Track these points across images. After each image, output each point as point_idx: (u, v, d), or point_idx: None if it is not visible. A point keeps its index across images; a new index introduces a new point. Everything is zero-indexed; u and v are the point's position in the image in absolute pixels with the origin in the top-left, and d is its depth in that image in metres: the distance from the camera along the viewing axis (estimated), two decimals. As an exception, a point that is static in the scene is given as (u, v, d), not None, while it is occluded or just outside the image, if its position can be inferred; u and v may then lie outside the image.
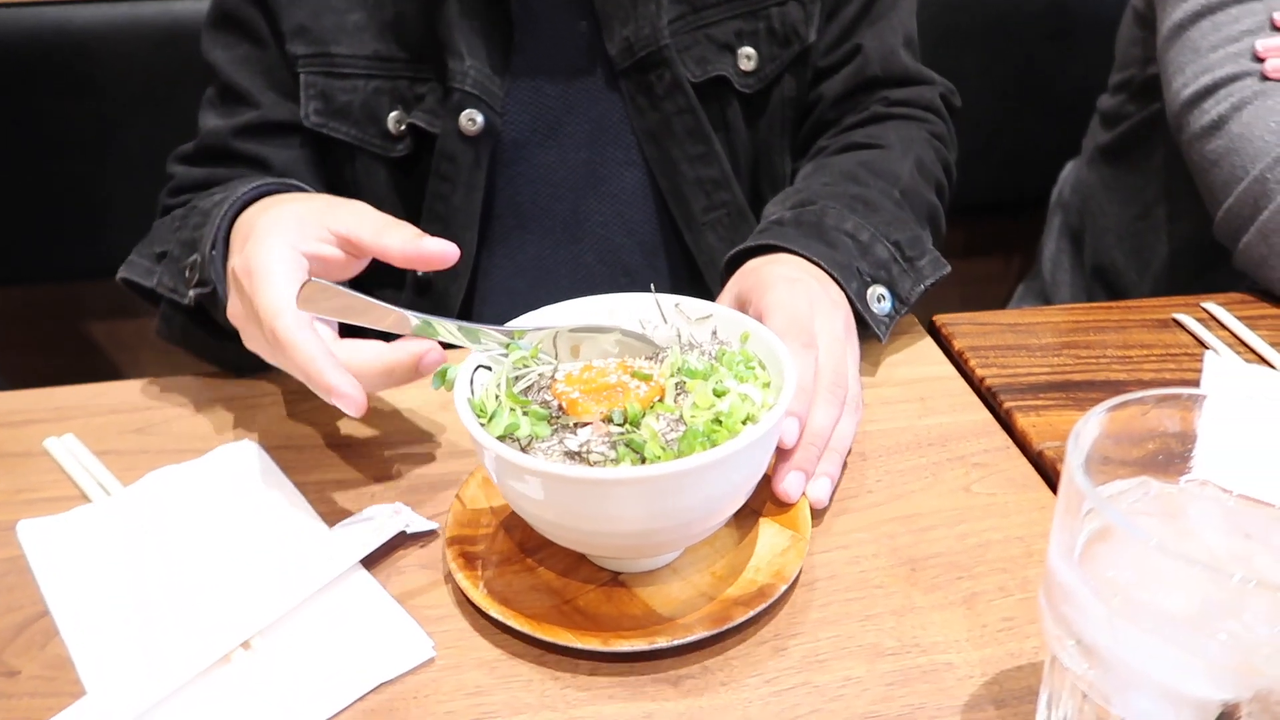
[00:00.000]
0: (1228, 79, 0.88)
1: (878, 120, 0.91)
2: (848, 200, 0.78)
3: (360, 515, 0.61)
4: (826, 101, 0.92)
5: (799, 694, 0.51)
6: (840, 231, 0.75)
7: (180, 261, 0.71)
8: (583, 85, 0.88)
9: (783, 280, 0.68)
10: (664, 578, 0.56)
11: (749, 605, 0.53)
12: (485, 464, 0.53)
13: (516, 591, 0.55)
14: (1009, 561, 0.59)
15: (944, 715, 0.50)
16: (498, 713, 0.50)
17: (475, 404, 0.55)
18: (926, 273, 0.77)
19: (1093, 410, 0.42)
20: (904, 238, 0.77)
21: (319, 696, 0.51)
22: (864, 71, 0.91)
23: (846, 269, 0.73)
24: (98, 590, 0.58)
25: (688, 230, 0.90)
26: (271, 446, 0.69)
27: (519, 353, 0.57)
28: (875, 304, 0.73)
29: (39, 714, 0.50)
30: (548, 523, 0.53)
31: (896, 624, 0.55)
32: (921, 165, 0.87)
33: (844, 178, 0.82)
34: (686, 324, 0.61)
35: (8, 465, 0.68)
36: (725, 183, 0.89)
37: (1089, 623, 0.40)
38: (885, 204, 0.79)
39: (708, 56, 0.87)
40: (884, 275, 0.75)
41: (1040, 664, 0.52)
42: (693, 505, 0.50)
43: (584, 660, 0.53)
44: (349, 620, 0.55)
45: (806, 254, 0.72)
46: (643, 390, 0.55)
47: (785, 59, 0.89)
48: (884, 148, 0.87)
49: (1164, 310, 0.83)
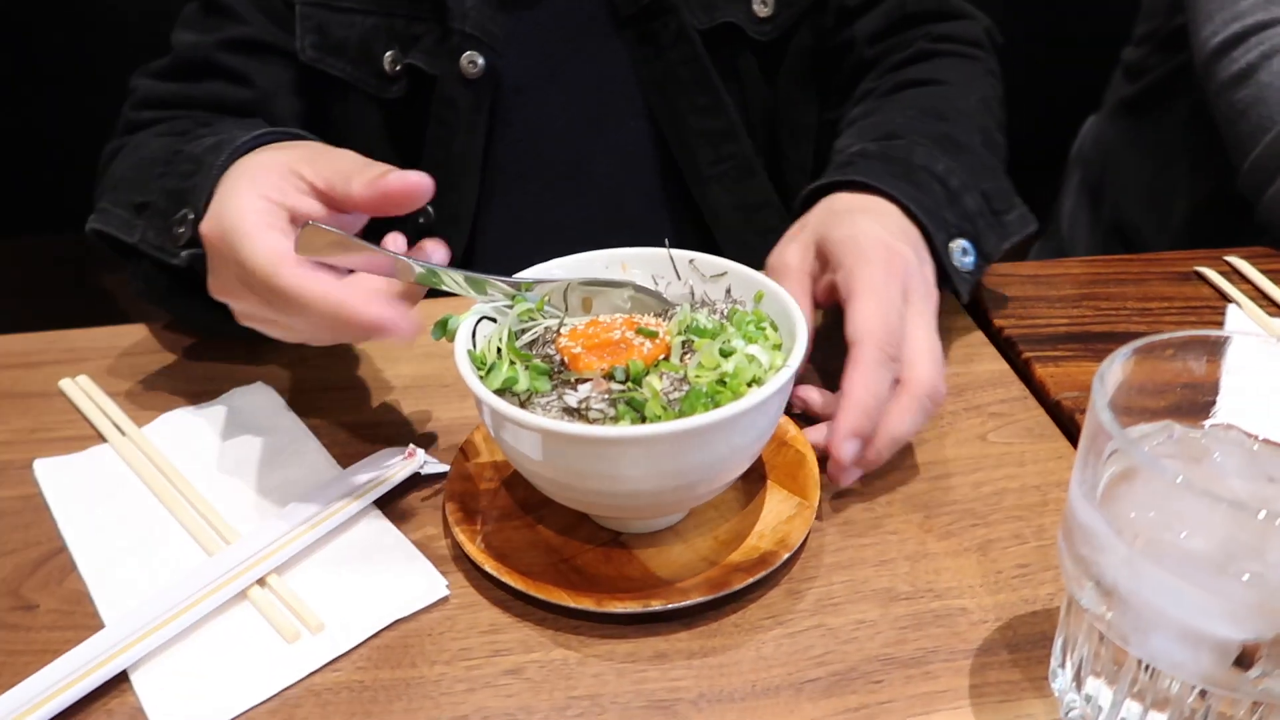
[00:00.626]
0: (1258, 26, 0.86)
1: (927, 57, 0.86)
2: (936, 138, 0.72)
3: (374, 457, 0.61)
4: (862, 40, 0.88)
5: (812, 636, 0.51)
6: (930, 174, 0.69)
7: (168, 216, 0.63)
8: (585, 29, 0.85)
9: (877, 248, 0.60)
10: (665, 540, 0.55)
11: (749, 572, 0.52)
12: (483, 417, 0.53)
13: (515, 548, 0.55)
14: (1025, 509, 0.59)
15: (957, 659, 0.50)
16: (511, 650, 0.51)
17: (475, 356, 0.54)
18: (1013, 229, 0.71)
19: (1118, 351, 0.42)
20: (993, 188, 0.71)
21: (334, 633, 0.51)
22: (902, 8, 0.87)
23: (935, 216, 0.66)
24: (114, 527, 0.58)
25: (694, 183, 0.88)
26: (285, 390, 0.69)
27: (524, 305, 0.56)
28: (959, 257, 0.67)
29: (58, 646, 0.50)
30: (545, 480, 0.52)
31: (910, 569, 0.55)
32: (987, 104, 0.82)
33: (925, 113, 0.76)
34: (700, 281, 0.60)
35: (23, 405, 0.68)
36: (733, 134, 0.87)
37: (1109, 563, 0.39)
38: (973, 143, 0.74)
39: (716, 2, 0.84)
40: (969, 228, 0.68)
41: (1055, 610, 0.52)
42: (693, 467, 0.49)
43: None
44: (363, 559, 0.55)
45: (894, 194, 0.66)
46: (647, 348, 0.54)
47: (802, 4, 0.87)
48: (945, 84, 0.82)
49: (1186, 263, 0.82)
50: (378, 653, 0.51)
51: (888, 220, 0.64)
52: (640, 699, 0.48)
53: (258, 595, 0.53)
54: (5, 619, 0.53)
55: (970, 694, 0.48)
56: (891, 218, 0.64)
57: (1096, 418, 0.39)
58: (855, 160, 0.70)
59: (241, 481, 0.61)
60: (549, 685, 0.49)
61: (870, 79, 0.88)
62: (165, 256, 0.64)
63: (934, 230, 0.65)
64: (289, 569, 0.55)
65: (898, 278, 0.59)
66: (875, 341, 0.56)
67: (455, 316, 0.55)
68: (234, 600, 0.53)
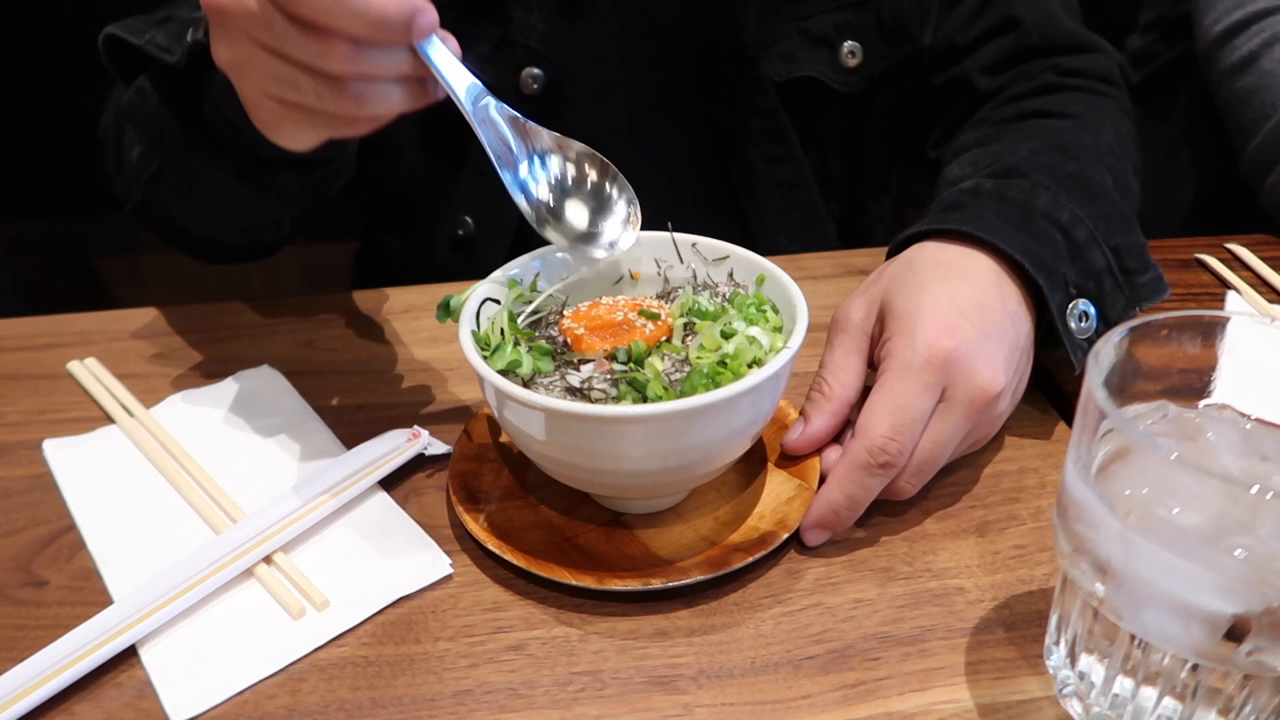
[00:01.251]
0: (1261, 13, 0.86)
1: (1053, 90, 0.78)
2: (1064, 178, 0.63)
3: (379, 439, 0.62)
4: (976, 71, 0.81)
5: (811, 614, 0.52)
6: (1052, 222, 0.60)
7: (183, 20, 0.62)
8: (651, 64, 0.81)
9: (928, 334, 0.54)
10: (666, 520, 0.56)
11: (749, 552, 0.53)
12: (486, 397, 0.53)
13: (517, 527, 0.55)
14: (1022, 491, 0.59)
15: (954, 637, 0.51)
16: (514, 626, 0.51)
17: (479, 337, 0.54)
18: (1144, 293, 0.61)
19: (1113, 331, 0.42)
20: (1125, 243, 0.61)
21: (339, 609, 0.52)
22: (1021, 42, 0.80)
23: (1053, 274, 0.57)
24: (122, 505, 0.59)
25: (759, 230, 0.84)
26: (290, 372, 0.70)
27: (518, 288, 0.57)
28: (1076, 322, 0.58)
29: (67, 621, 0.51)
30: (547, 459, 0.53)
31: (908, 550, 0.55)
32: (1121, 143, 0.73)
33: (1051, 147, 0.67)
34: (703, 264, 0.60)
35: (31, 386, 0.69)
36: (803, 185, 0.83)
37: (1103, 539, 0.40)
38: (1106, 188, 0.64)
39: (797, 53, 0.80)
40: (1092, 288, 0.59)
41: (1051, 590, 0.53)
42: (694, 447, 0.50)
43: (599, 579, 0.54)
44: (368, 538, 0.56)
45: (1005, 247, 0.57)
46: (649, 329, 0.54)
47: (893, 59, 0.82)
48: (1075, 118, 0.73)
49: (1187, 250, 0.82)
50: (382, 629, 0.51)
51: (970, 286, 0.56)
52: (641, 675, 0.49)
53: (264, 572, 0.54)
54: (15, 595, 0.54)
55: (966, 671, 0.49)
56: (977, 283, 0.57)
57: (1091, 396, 0.40)
58: (965, 201, 0.62)
59: (248, 462, 0.62)
60: (550, 661, 0.49)
61: (988, 108, 0.80)
62: (166, 55, 0.61)
63: (1050, 290, 0.57)
64: (295, 547, 0.55)
65: (936, 373, 0.53)
66: (868, 446, 0.53)
67: (457, 297, 0.55)
68: (241, 577, 0.54)
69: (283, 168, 0.64)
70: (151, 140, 0.67)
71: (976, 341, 0.54)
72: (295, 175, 0.65)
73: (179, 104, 0.63)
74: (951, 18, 0.81)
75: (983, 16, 0.81)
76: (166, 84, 0.63)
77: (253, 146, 0.59)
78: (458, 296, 0.56)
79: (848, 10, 0.80)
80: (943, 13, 0.81)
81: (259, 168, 0.64)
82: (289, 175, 0.65)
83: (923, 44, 0.82)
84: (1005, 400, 0.57)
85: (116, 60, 0.66)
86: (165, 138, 0.65)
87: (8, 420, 0.66)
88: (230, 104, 0.56)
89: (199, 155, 0.64)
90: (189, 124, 0.63)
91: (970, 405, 0.54)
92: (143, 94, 0.66)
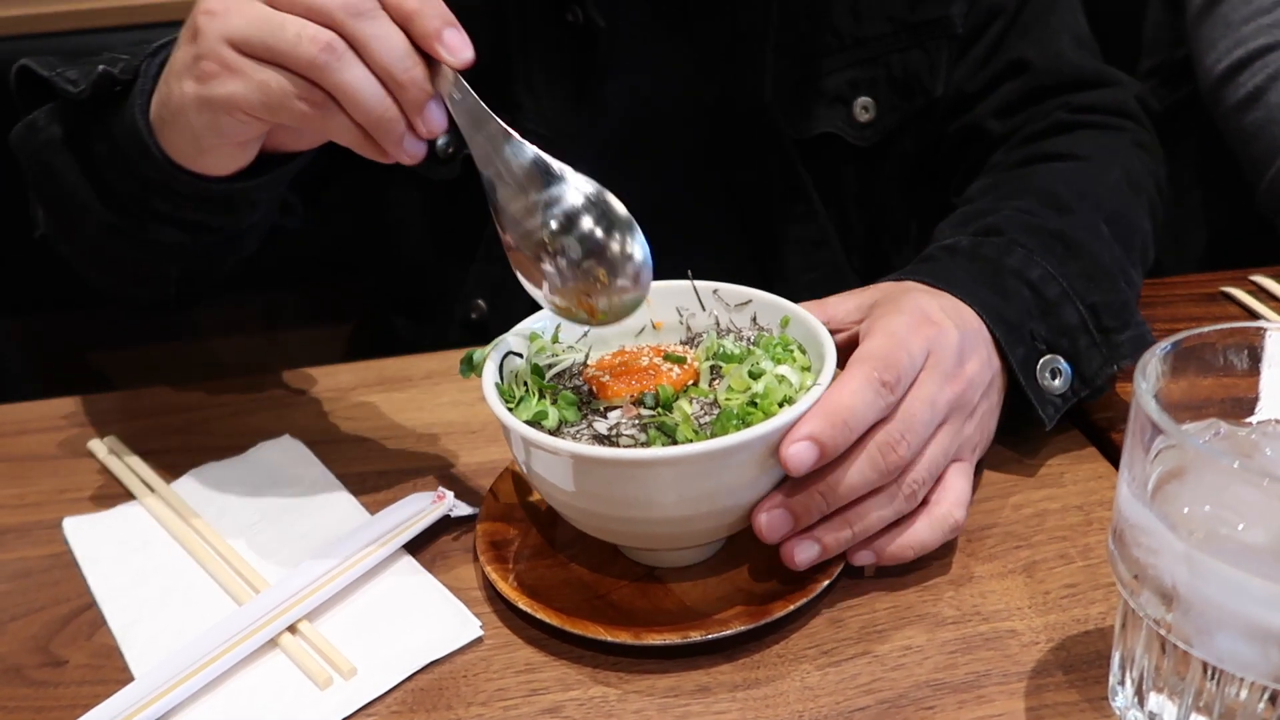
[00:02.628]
0: (1262, 50, 0.86)
1: (1066, 129, 0.77)
2: (1044, 237, 0.63)
3: (403, 502, 0.60)
4: (988, 116, 0.81)
5: (858, 664, 0.50)
6: (1020, 279, 0.60)
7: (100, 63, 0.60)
8: (666, 130, 0.80)
9: (914, 310, 0.55)
10: (700, 573, 0.54)
11: (789, 601, 0.51)
12: (513, 450, 0.52)
13: (548, 585, 0.54)
14: (1068, 530, 0.57)
15: (1011, 681, 0.48)
16: (549, 688, 0.49)
17: (503, 389, 0.54)
18: (1124, 351, 0.61)
19: (1157, 345, 0.41)
20: (1104, 300, 0.61)
21: (367, 677, 0.50)
22: (1030, 83, 0.79)
23: (1015, 329, 0.58)
24: (143, 580, 0.57)
25: (782, 289, 0.80)
26: (311, 442, 0.69)
27: (539, 339, 0.56)
28: (1045, 378, 0.58)
29: (86, 700, 0.49)
30: (577, 510, 0.51)
31: (955, 593, 0.53)
32: (1131, 181, 0.72)
33: (1043, 201, 0.67)
34: (725, 310, 0.60)
35: (53, 467, 0.68)
36: (826, 242, 0.83)
37: (1165, 562, 0.38)
38: (1091, 244, 0.64)
39: (815, 111, 0.80)
40: (1065, 345, 0.59)
41: (1108, 629, 0.51)
42: (727, 490, 0.49)
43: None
44: (395, 603, 0.54)
45: (970, 302, 0.58)
46: (675, 373, 0.54)
47: (907, 111, 0.82)
48: (1083, 159, 0.73)
49: (1211, 285, 0.81)
50: (413, 696, 0.49)
51: (955, 313, 0.57)
52: (684, 733, 0.46)
53: (289, 642, 0.52)
54: (34, 675, 0.52)
55: (1027, 717, 0.46)
56: (959, 318, 0.57)
57: (1143, 412, 0.38)
58: (939, 256, 0.64)
59: (270, 531, 0.60)
60: (589, 722, 0.47)
61: (1001, 152, 0.79)
62: (70, 88, 0.60)
63: (1009, 344, 0.57)
64: (320, 615, 0.54)
65: (923, 336, 0.53)
66: (873, 363, 0.50)
67: (480, 352, 0.55)
68: (265, 648, 0.52)
69: (167, 224, 0.62)
70: (33, 176, 0.66)
71: (958, 330, 0.55)
72: (179, 234, 0.63)
73: (76, 139, 0.62)
74: (961, 66, 0.82)
75: (991, 62, 0.81)
76: (67, 118, 0.62)
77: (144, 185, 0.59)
78: (480, 351, 0.55)
79: (859, 67, 0.80)
80: (952, 63, 0.82)
81: (136, 216, 0.62)
82: (171, 232, 0.63)
83: (935, 95, 0.82)
84: (976, 396, 0.55)
85: (26, 94, 0.65)
86: (46, 178, 0.65)
87: (28, 500, 0.65)
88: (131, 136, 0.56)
89: (78, 196, 0.62)
90: (82, 162, 0.62)
91: (950, 375, 0.53)
92: (32, 129, 0.64)
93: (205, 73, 0.50)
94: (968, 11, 0.81)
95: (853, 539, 0.51)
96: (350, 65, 0.48)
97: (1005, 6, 0.81)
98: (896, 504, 0.52)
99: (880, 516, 0.52)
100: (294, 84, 0.49)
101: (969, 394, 0.55)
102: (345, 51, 0.47)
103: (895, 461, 0.50)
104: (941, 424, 0.53)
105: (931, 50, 0.81)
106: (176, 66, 0.53)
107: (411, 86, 0.48)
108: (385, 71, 0.48)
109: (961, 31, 0.81)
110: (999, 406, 0.59)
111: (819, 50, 0.80)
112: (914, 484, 0.52)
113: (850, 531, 0.51)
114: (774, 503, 0.50)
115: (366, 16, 0.47)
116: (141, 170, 0.58)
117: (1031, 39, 0.80)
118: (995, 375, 0.58)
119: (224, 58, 0.49)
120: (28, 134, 0.64)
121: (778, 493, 0.50)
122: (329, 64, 0.47)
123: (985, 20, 0.81)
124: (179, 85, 0.52)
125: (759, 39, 0.78)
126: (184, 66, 0.52)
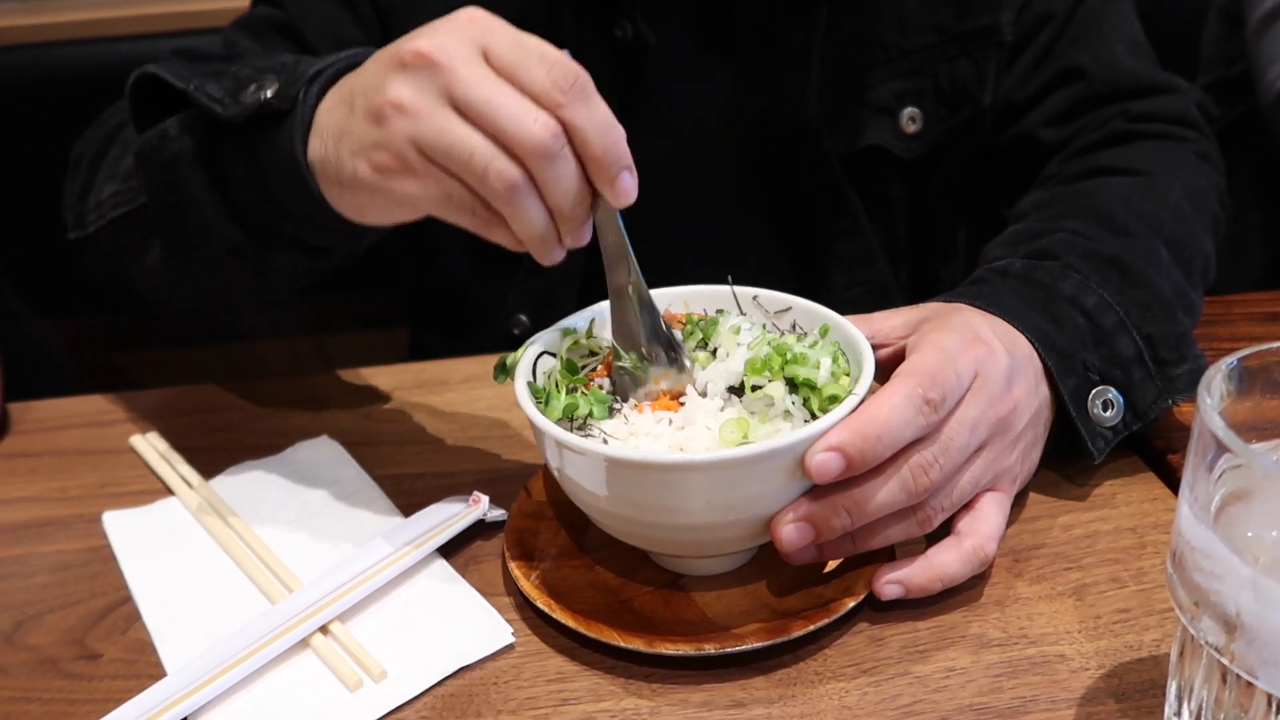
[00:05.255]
0: (1329, 64, 0.84)
1: (1125, 140, 0.75)
2: (1100, 263, 0.60)
3: (437, 505, 0.60)
4: (1040, 124, 0.78)
5: (899, 684, 0.48)
6: (1075, 307, 0.58)
7: (240, 80, 0.58)
8: (710, 147, 0.80)
9: (965, 328, 0.53)
10: (725, 584, 0.53)
11: (810, 620, 0.49)
12: (543, 450, 0.52)
13: (572, 587, 0.53)
14: (1120, 552, 0.55)
15: (1059, 708, 0.46)
16: (580, 698, 0.48)
17: (536, 389, 0.53)
18: (1180, 385, 0.58)
19: (1221, 361, 0.39)
20: (1160, 332, 0.59)
21: (397, 680, 0.49)
22: (1085, 91, 0.77)
23: (1068, 358, 0.56)
24: (179, 576, 0.57)
25: (824, 304, 0.83)
26: (348, 443, 0.69)
27: (572, 336, 0.56)
28: (1097, 409, 0.56)
29: (120, 695, 0.49)
30: (604, 512, 0.51)
31: (1001, 615, 0.52)
32: (1193, 197, 0.70)
33: (1100, 223, 0.64)
34: (765, 316, 0.59)
35: (94, 461, 0.69)
36: (870, 259, 0.81)
37: (1229, 588, 0.36)
38: (1149, 270, 0.61)
39: (861, 125, 0.78)
40: (1119, 376, 0.57)
41: (1163, 657, 0.49)
42: (756, 497, 0.48)
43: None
44: (427, 606, 0.54)
45: (1022, 327, 0.56)
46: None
47: (954, 122, 0.80)
48: (1143, 174, 0.71)
49: (1272, 304, 0.79)
50: (442, 701, 0.49)
51: (1007, 337, 0.55)
52: (718, 749, 0.45)
53: (320, 643, 0.52)
54: (69, 668, 0.52)
55: (1076, 746, 0.44)
56: (1014, 340, 0.55)
57: (1207, 430, 0.37)
58: (990, 279, 0.61)
59: (305, 531, 0.60)
60: (621, 735, 0.46)
61: (1056, 162, 0.77)
62: (217, 107, 0.57)
63: (1061, 374, 0.56)
64: (352, 616, 0.53)
65: (972, 355, 0.51)
66: (919, 379, 0.49)
67: (513, 355, 0.55)
68: (296, 648, 0.51)
69: (290, 248, 0.61)
70: (153, 187, 0.62)
71: (1008, 353, 0.54)
72: (299, 257, 0.62)
73: (209, 155, 0.59)
74: (1010, 75, 0.80)
75: (1041, 69, 0.79)
76: (199, 133, 0.60)
77: (280, 212, 0.57)
78: (513, 355, 0.55)
79: (905, 79, 0.79)
80: (1000, 72, 0.80)
81: (261, 236, 0.60)
82: (291, 255, 0.62)
83: (983, 105, 0.80)
84: (1020, 424, 0.53)
85: (140, 101, 0.63)
86: (169, 191, 0.61)
87: (70, 494, 0.66)
88: (287, 170, 0.54)
89: (204, 213, 0.60)
90: (212, 178, 0.60)
91: (995, 399, 0.51)
92: (165, 138, 0.61)
93: (382, 165, 0.49)
94: (1016, 19, 0.79)
95: (853, 551, 0.51)
96: (527, 203, 0.48)
97: (1055, 13, 0.79)
98: (908, 527, 0.50)
99: (888, 536, 0.50)
100: (471, 199, 0.49)
101: (1013, 419, 0.53)
102: (528, 191, 0.48)
103: (926, 485, 0.49)
104: (980, 449, 0.52)
105: (979, 60, 0.79)
106: (350, 141, 0.51)
107: (574, 221, 0.50)
108: (557, 209, 0.49)
109: (1010, 40, 0.79)
110: (1044, 439, 0.57)
111: (865, 64, 0.78)
112: (933, 510, 0.50)
113: (853, 545, 0.50)
114: (796, 515, 0.48)
115: (553, 159, 0.47)
116: (286, 201, 0.57)
117: (1084, 45, 0.78)
118: (1043, 404, 0.56)
119: (406, 159, 0.48)
120: (159, 143, 0.61)
121: (801, 504, 0.49)
122: (510, 201, 0.48)
123: (1035, 27, 0.79)
124: (352, 162, 0.51)
125: (805, 54, 0.77)
126: (360, 146, 0.50)
